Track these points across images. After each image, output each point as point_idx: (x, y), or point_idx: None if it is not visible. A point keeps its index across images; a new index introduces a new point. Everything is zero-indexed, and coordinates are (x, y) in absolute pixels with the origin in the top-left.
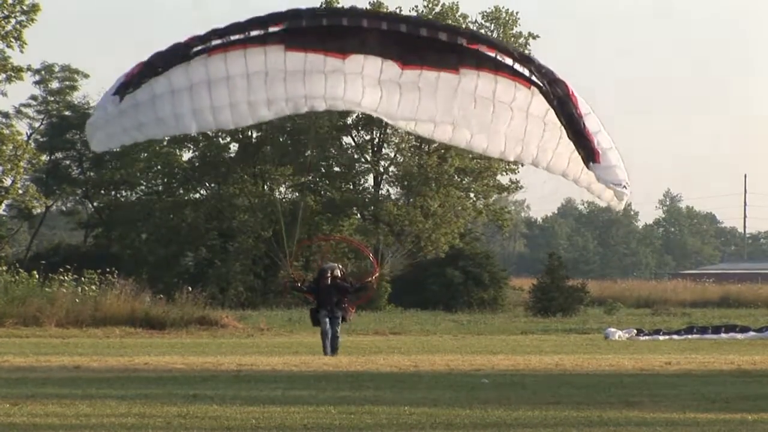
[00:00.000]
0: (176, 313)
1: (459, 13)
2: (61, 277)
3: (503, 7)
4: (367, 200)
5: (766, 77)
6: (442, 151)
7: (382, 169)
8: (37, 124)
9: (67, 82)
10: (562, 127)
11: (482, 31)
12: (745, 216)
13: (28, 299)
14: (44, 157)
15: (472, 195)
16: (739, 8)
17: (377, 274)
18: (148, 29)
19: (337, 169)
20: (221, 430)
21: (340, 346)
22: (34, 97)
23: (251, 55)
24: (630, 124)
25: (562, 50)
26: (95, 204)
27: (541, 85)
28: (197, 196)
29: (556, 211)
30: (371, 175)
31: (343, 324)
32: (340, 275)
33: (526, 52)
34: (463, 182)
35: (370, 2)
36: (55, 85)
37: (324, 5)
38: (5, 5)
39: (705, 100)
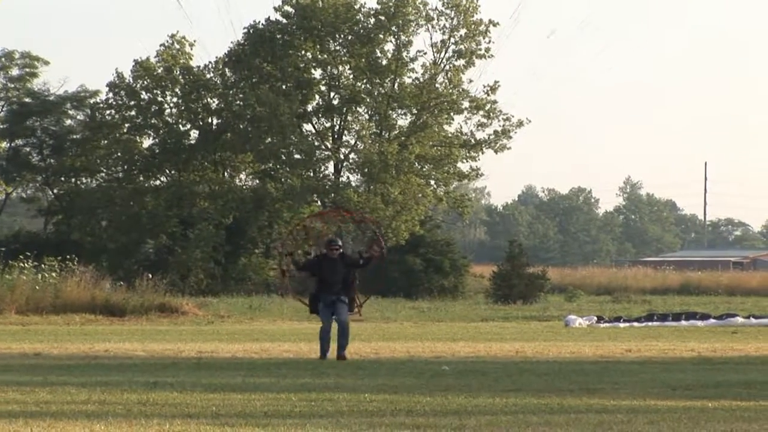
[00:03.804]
0: (137, 300)
1: (419, 1)
2: (22, 264)
3: None
4: (327, 187)
5: (726, 64)
6: (403, 138)
7: (342, 157)
8: None
9: (28, 69)
10: None
11: (441, 19)
12: (705, 203)
13: None
14: (4, 144)
15: (432, 182)
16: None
17: (383, 245)
18: (109, 16)
19: (297, 156)
20: (182, 418)
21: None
22: None
23: None
24: (591, 112)
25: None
26: (55, 191)
27: None
28: (157, 183)
29: (516, 199)
30: (332, 163)
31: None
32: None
33: (487, 39)
34: (424, 169)
35: None
36: (15, 72)
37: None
38: None
39: (665, 87)
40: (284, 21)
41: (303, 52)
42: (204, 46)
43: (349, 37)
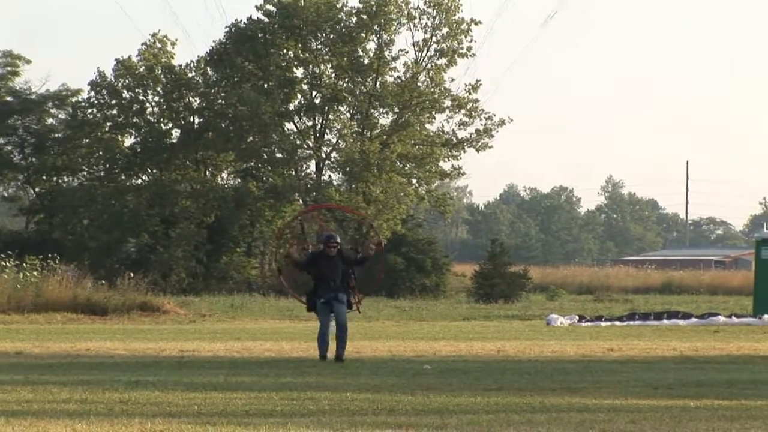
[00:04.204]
0: (118, 299)
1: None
2: (3, 263)
3: None
4: (309, 186)
5: (708, 64)
6: (385, 137)
7: (324, 155)
8: None
9: (9, 68)
10: None
11: (423, 17)
12: (687, 202)
13: None
14: None
15: (414, 181)
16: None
17: (380, 240)
18: (92, 16)
19: (279, 155)
20: (163, 416)
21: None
22: None
23: None
24: (573, 111)
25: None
26: (37, 190)
27: None
28: (139, 182)
29: (498, 198)
30: (313, 161)
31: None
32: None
33: (468, 38)
34: (406, 168)
35: None
36: None
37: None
38: None
39: (647, 87)
40: (266, 20)
41: (285, 50)
42: (192, 35)
43: (331, 36)
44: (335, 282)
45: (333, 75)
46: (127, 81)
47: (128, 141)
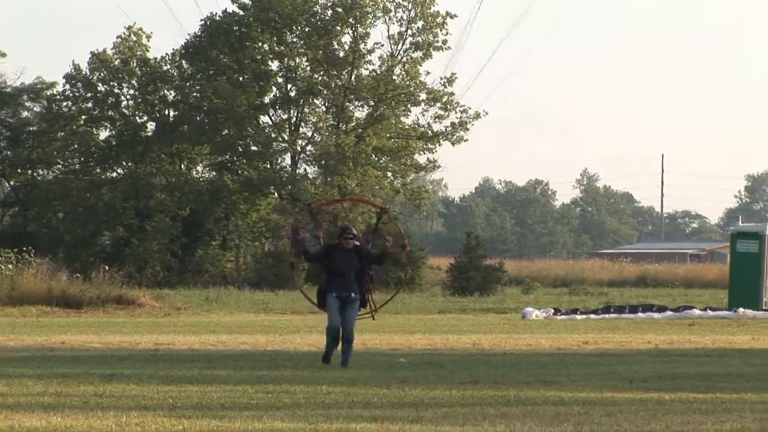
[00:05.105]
0: (93, 292)
1: None
2: None
3: None
4: (284, 179)
5: (682, 57)
6: (360, 130)
7: (299, 149)
8: None
9: None
10: None
11: (399, 10)
12: (662, 195)
13: None
14: None
15: (389, 174)
16: None
17: (406, 241)
18: (68, 9)
19: (254, 148)
20: (138, 410)
21: (353, 348)
22: None
23: None
24: (548, 104)
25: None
26: (12, 183)
27: None
28: (114, 175)
29: (473, 191)
30: (288, 155)
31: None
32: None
33: (444, 31)
34: (381, 161)
35: None
36: None
37: None
38: None
39: (622, 80)
40: (241, 13)
41: (260, 43)
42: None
43: (307, 29)
44: (349, 277)
45: (308, 68)
46: (102, 74)
47: (103, 134)
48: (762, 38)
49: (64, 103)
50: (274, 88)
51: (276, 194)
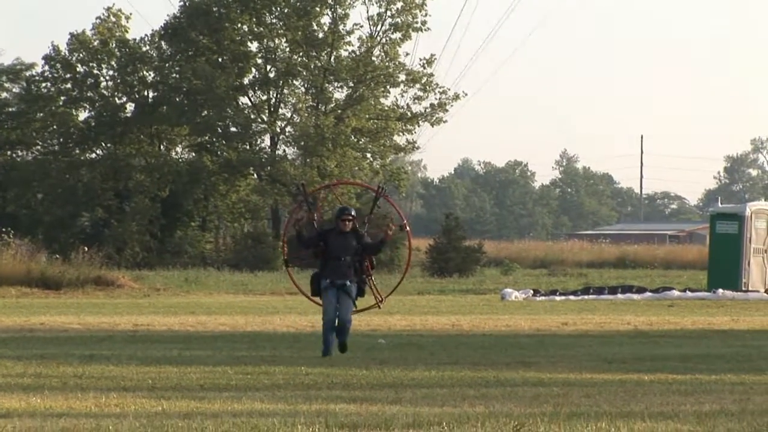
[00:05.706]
0: (72, 273)
1: None
2: None
3: None
4: (263, 160)
5: (663, 39)
6: (339, 111)
7: (278, 130)
8: None
9: None
10: None
11: None
12: (641, 177)
13: None
14: None
15: (369, 155)
16: None
17: (405, 221)
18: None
19: (233, 129)
20: (117, 390)
21: (350, 337)
22: None
23: None
24: (527, 85)
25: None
26: None
27: None
28: (93, 156)
29: (452, 172)
30: (268, 136)
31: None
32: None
33: (420, 16)
34: (360, 142)
35: None
36: None
37: None
38: None
39: (602, 61)
40: None
41: (239, 24)
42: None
43: (286, 10)
44: (345, 262)
45: (287, 49)
46: (81, 55)
47: (82, 115)
48: (743, 19)
49: (43, 84)
50: (253, 69)
51: (255, 175)
